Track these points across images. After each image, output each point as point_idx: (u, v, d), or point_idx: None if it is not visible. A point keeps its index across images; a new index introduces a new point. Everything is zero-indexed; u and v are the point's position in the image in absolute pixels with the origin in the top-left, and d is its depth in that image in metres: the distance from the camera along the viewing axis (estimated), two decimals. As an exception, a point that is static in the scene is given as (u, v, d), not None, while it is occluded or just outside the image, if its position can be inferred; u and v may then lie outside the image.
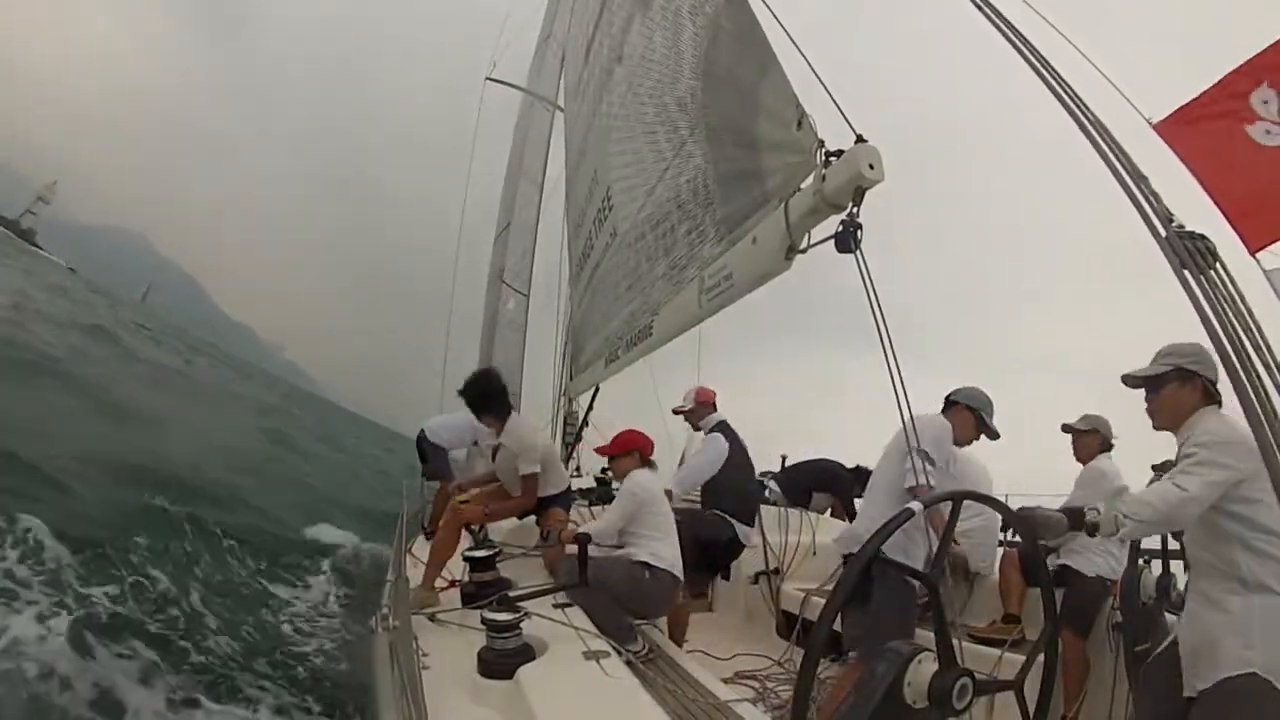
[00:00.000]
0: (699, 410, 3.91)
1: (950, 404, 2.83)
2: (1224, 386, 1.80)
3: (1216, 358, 1.77)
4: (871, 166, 1.67)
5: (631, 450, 3.29)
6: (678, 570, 2.97)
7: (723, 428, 3.78)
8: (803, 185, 1.95)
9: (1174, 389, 1.89)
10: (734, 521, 3.51)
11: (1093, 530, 1.78)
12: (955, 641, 1.46)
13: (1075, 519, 1.78)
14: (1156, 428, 1.95)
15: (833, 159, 1.78)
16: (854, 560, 1.55)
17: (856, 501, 4.90)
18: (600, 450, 3.50)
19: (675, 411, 4.03)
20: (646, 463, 3.26)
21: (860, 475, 5.34)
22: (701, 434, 3.92)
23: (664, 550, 2.94)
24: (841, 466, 5.43)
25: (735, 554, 3.68)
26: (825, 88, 1.83)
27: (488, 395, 3.46)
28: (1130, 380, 1.97)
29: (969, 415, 2.79)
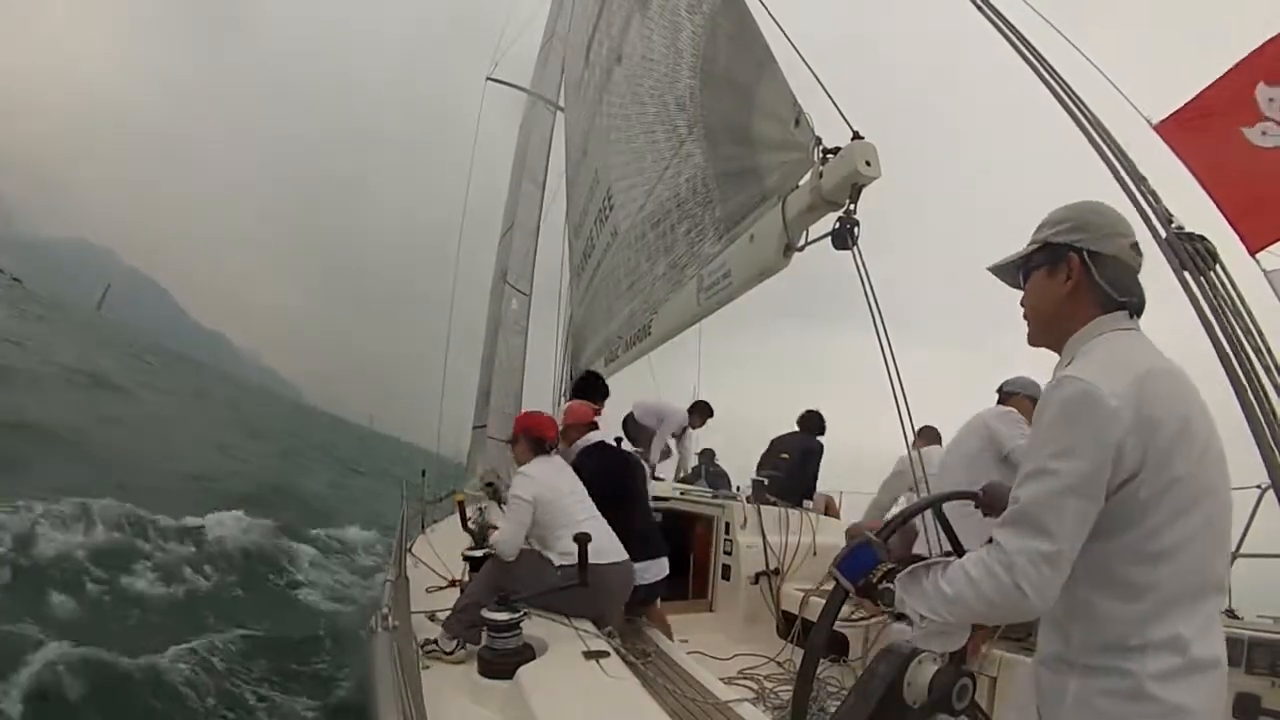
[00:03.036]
0: (570, 432, 3.29)
1: (1009, 395, 2.88)
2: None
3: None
4: (868, 163, 1.67)
5: (518, 435, 2.84)
6: (607, 559, 2.50)
7: (591, 452, 3.20)
8: (800, 182, 1.96)
9: (1040, 280, 1.16)
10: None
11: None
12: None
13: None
14: (1031, 343, 1.23)
15: (830, 156, 1.79)
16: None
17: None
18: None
19: None
20: (541, 448, 2.79)
21: (810, 418, 5.20)
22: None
23: (570, 545, 2.43)
24: (805, 436, 5.18)
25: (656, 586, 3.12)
26: (822, 85, 1.83)
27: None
28: (999, 272, 1.25)
29: (1030, 405, 2.80)
